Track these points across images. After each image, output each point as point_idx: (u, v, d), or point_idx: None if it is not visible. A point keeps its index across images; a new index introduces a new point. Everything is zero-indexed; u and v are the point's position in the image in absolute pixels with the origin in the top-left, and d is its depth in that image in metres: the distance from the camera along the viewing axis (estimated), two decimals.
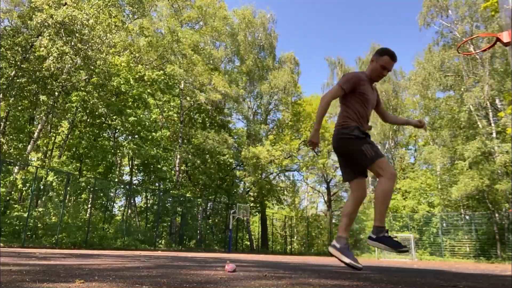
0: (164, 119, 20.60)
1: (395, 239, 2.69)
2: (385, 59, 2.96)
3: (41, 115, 13.85)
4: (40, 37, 12.37)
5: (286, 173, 28.88)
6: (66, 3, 12.47)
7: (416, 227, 20.13)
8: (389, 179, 2.67)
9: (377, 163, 2.70)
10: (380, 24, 63.24)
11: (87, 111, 16.28)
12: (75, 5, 12.52)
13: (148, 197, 20.46)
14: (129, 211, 18.65)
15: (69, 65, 13.00)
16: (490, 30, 17.29)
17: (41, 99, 13.02)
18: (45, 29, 12.10)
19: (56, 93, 13.55)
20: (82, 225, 13.41)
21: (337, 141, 2.92)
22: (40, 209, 12.22)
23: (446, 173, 20.17)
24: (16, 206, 12.11)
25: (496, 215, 17.46)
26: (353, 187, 2.98)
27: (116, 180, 19.18)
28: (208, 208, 22.65)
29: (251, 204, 23.29)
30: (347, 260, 2.72)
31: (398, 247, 2.61)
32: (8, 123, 15.06)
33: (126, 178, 22.32)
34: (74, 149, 16.74)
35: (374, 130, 25.25)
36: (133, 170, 20.52)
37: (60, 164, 14.81)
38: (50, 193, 13.18)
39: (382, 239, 2.66)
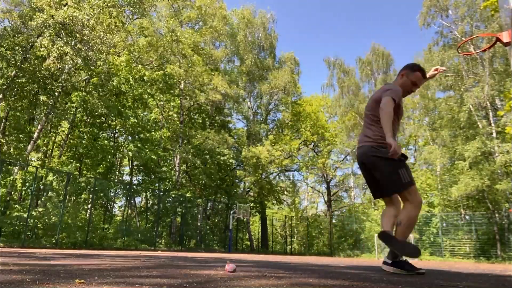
0: (164, 120, 20.60)
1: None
2: (417, 75, 2.88)
3: (41, 115, 13.85)
4: (40, 38, 12.37)
5: (286, 173, 28.91)
6: (67, 4, 12.46)
7: (416, 227, 20.11)
8: (416, 207, 2.61)
9: (410, 190, 2.61)
10: (380, 24, 63.22)
11: (87, 111, 16.28)
12: (76, 5, 12.52)
13: (148, 197, 20.45)
14: (129, 211, 18.65)
15: (69, 65, 13.00)
16: (490, 30, 17.28)
17: (41, 99, 13.02)
18: (45, 30, 12.10)
19: (56, 93, 13.55)
20: (82, 225, 13.40)
21: (370, 158, 2.76)
22: (40, 209, 12.21)
23: (446, 173, 20.16)
24: (16, 206, 12.10)
25: (496, 215, 17.44)
26: (387, 200, 2.88)
27: (116, 180, 19.18)
28: (208, 208, 22.64)
29: (251, 204, 23.28)
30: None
31: (414, 270, 2.53)
32: (8, 123, 15.05)
33: (126, 178, 22.31)
34: (74, 149, 16.74)
35: None
36: (133, 170, 20.52)
37: (60, 164, 14.80)
38: (50, 193, 13.17)
39: (397, 264, 2.59)
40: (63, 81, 13.36)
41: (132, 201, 19.59)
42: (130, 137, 18.11)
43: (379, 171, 2.71)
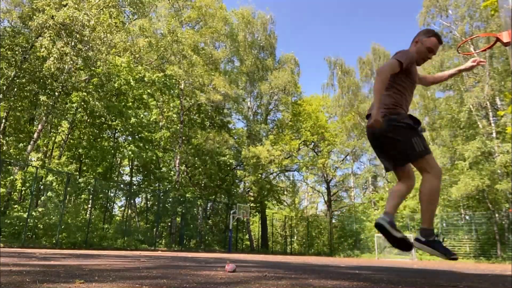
0: (164, 120, 20.59)
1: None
2: (432, 40, 2.66)
3: (41, 115, 13.84)
4: (40, 38, 12.37)
5: (286, 173, 28.89)
6: (67, 4, 12.45)
7: (416, 227, 20.10)
8: (437, 176, 2.42)
9: (426, 158, 2.41)
10: (380, 24, 63.24)
11: (87, 111, 16.27)
12: (76, 6, 12.51)
13: (148, 197, 20.44)
14: (129, 211, 18.64)
15: (69, 65, 12.99)
16: (490, 30, 17.28)
17: (41, 99, 13.01)
18: (45, 30, 12.09)
19: (56, 93, 13.54)
20: (82, 225, 13.40)
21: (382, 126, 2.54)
22: (40, 209, 12.21)
23: (446, 173, 20.15)
24: (16, 206, 12.10)
25: (496, 215, 17.44)
26: (399, 174, 2.65)
27: (116, 180, 19.17)
28: (208, 208, 22.63)
29: (251, 204, 23.27)
30: (399, 235, 2.40)
31: (449, 254, 2.41)
32: (8, 123, 15.05)
33: (126, 178, 22.31)
34: (74, 149, 16.73)
35: None
36: (133, 170, 20.51)
37: (60, 165, 14.80)
38: (49, 193, 13.16)
39: (432, 244, 2.43)
40: (63, 82, 13.35)
41: (132, 201, 19.58)
42: (130, 138, 18.10)
43: (388, 139, 2.51)
